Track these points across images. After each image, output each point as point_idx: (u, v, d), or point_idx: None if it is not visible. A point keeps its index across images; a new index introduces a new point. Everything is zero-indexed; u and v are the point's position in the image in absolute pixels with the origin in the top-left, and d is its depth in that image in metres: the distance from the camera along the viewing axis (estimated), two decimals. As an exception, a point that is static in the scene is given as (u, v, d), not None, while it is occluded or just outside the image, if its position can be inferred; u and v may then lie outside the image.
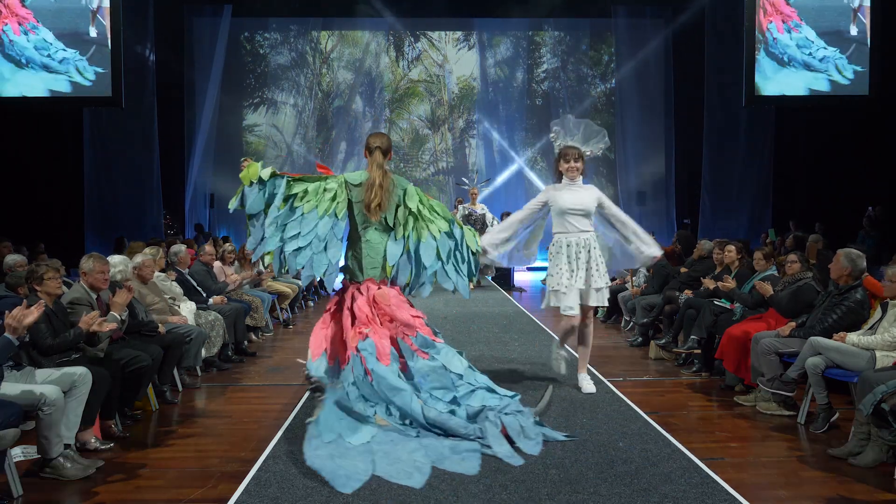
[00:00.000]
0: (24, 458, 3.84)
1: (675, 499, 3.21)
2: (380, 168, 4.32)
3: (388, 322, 4.19)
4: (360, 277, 4.32)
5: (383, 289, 4.28)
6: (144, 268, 5.64)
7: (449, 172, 16.46)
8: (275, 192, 4.21)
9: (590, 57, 16.41)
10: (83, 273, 4.62)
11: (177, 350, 5.19)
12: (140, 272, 5.61)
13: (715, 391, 5.42)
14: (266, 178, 4.18)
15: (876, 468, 3.76)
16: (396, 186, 4.33)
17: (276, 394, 5.38)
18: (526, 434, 3.84)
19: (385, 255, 4.31)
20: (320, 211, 4.18)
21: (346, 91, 16.30)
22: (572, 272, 4.92)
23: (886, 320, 4.41)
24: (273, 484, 3.41)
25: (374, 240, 4.32)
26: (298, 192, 4.24)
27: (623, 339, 7.46)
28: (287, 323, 8.61)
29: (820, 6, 12.63)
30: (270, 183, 4.21)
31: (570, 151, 4.99)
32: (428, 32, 16.43)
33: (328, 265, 4.21)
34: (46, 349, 4.09)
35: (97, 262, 4.63)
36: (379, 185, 4.24)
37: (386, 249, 4.32)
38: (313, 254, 4.17)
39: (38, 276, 4.25)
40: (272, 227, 4.18)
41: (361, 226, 4.35)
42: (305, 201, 4.19)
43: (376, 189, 4.24)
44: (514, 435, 3.81)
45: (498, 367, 5.91)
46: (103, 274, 4.65)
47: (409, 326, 4.20)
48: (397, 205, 4.35)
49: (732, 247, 6.43)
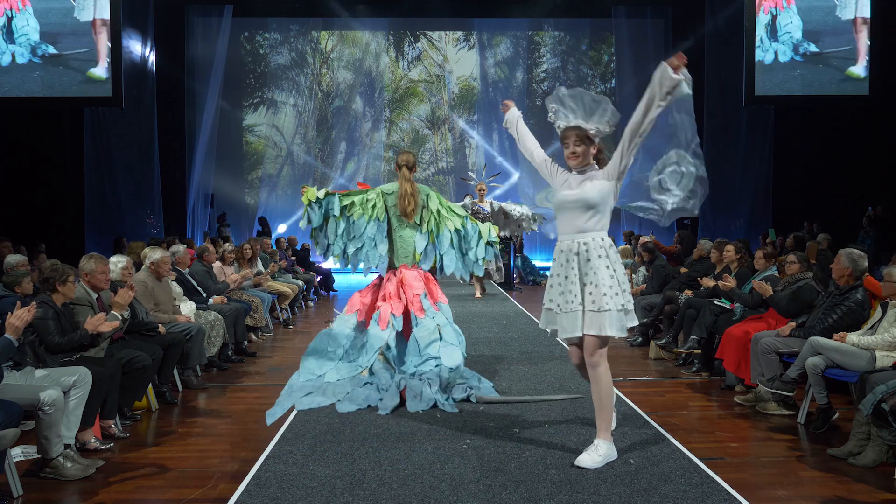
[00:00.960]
0: (24, 458, 3.84)
1: (675, 499, 3.21)
2: (408, 181, 5.32)
3: (409, 297, 5.20)
4: (395, 264, 5.38)
5: (409, 270, 5.36)
6: (162, 264, 5.68)
7: (449, 172, 16.47)
8: (330, 207, 5.30)
9: (590, 57, 16.41)
10: (84, 273, 4.63)
11: (177, 350, 5.19)
12: (157, 269, 5.66)
13: (715, 391, 5.42)
14: (322, 198, 5.27)
15: (876, 468, 3.76)
16: (420, 193, 5.38)
17: (276, 394, 5.37)
18: (422, 398, 4.66)
19: (414, 246, 5.33)
20: (367, 217, 5.32)
21: (346, 91, 16.30)
22: (562, 289, 3.71)
23: (886, 320, 4.42)
24: (273, 484, 3.41)
25: (406, 235, 5.35)
26: (347, 204, 5.34)
27: (623, 339, 7.45)
28: (287, 323, 8.61)
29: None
30: (326, 201, 5.30)
31: (569, 133, 3.80)
32: (428, 32, 16.43)
33: (379, 257, 5.35)
34: (54, 347, 4.13)
35: (98, 262, 4.65)
36: (410, 195, 5.28)
37: (415, 242, 5.35)
38: (367, 250, 5.33)
39: (62, 279, 4.28)
40: (333, 236, 5.35)
41: (396, 225, 5.36)
42: (354, 211, 5.34)
43: (409, 198, 5.27)
44: (410, 397, 4.71)
45: (498, 366, 5.91)
46: (105, 274, 4.67)
47: (416, 292, 5.19)
48: (422, 206, 5.38)
49: (731, 246, 6.43)
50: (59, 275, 4.29)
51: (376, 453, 3.78)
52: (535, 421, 4.37)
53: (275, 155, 16.19)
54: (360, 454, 3.77)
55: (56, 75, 12.04)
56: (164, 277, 5.76)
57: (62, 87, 12.08)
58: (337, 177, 16.21)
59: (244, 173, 16.29)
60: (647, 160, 3.93)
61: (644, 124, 3.68)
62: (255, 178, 16.26)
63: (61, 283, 4.27)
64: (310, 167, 16.08)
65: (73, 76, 12.08)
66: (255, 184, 16.25)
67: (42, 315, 4.10)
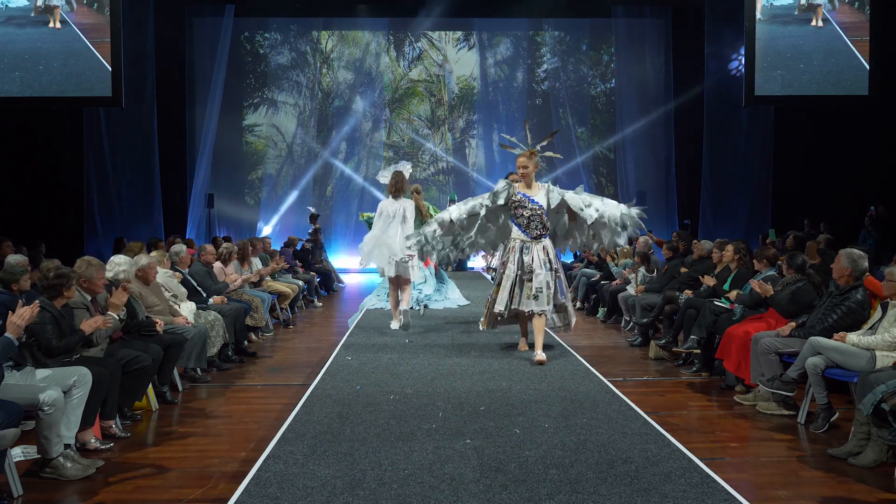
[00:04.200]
0: (24, 458, 3.84)
1: (675, 499, 3.21)
2: (418, 193, 8.54)
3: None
4: None
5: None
6: (149, 269, 5.64)
7: (449, 172, 16.47)
8: None
9: (590, 57, 16.41)
10: (81, 280, 4.59)
11: (177, 350, 5.19)
12: (144, 273, 5.61)
13: (715, 391, 5.42)
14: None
15: (876, 468, 3.76)
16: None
17: (276, 394, 5.38)
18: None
19: None
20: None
21: (346, 91, 16.30)
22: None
23: (886, 320, 4.42)
24: (273, 484, 3.41)
25: None
26: None
27: (623, 339, 7.45)
28: (287, 323, 8.61)
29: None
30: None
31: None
32: (428, 32, 16.42)
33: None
34: (51, 351, 4.11)
35: (95, 269, 4.62)
36: (417, 209, 7.90)
37: None
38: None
39: (68, 282, 4.28)
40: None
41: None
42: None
43: (423, 211, 8.33)
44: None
45: (498, 365, 5.91)
46: (102, 280, 4.66)
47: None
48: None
49: (731, 247, 6.43)
50: (65, 280, 4.27)
51: (376, 453, 3.78)
52: (536, 421, 4.37)
53: (275, 155, 16.19)
54: (360, 454, 3.77)
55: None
56: (153, 282, 5.71)
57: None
58: (337, 177, 16.22)
59: (244, 173, 16.29)
60: None
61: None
62: (256, 178, 16.25)
63: (67, 287, 4.27)
64: (310, 167, 16.08)
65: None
66: (256, 184, 16.24)
67: (40, 319, 4.08)
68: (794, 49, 12.59)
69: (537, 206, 5.83)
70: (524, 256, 5.78)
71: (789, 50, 12.59)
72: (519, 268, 5.78)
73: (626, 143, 15.67)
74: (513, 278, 5.80)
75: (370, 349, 6.37)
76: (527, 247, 5.80)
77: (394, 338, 6.89)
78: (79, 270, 4.59)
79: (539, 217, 5.84)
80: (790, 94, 12.70)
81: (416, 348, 6.40)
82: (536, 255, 5.75)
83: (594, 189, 15.90)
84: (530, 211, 5.82)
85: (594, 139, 16.18)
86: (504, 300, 5.83)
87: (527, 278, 5.75)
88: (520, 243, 5.81)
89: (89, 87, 12.16)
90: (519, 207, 5.86)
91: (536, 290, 5.71)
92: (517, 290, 5.78)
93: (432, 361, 5.87)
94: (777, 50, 12.60)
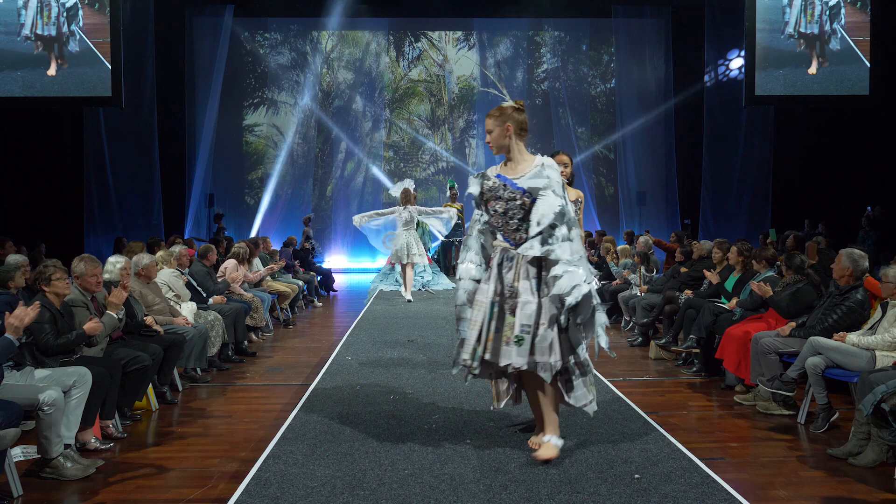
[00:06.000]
0: (24, 458, 3.84)
1: (675, 499, 3.21)
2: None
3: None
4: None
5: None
6: (150, 269, 5.65)
7: (449, 172, 16.47)
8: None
9: (590, 57, 16.40)
10: (75, 276, 4.60)
11: (177, 350, 5.19)
12: (145, 273, 5.62)
13: (715, 391, 5.42)
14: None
15: (876, 468, 3.76)
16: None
17: (276, 394, 5.38)
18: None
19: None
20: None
21: (346, 91, 16.29)
22: None
23: (886, 320, 4.42)
24: (273, 484, 3.41)
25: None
26: None
27: (623, 339, 7.45)
28: (287, 323, 8.61)
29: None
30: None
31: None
32: (428, 32, 16.42)
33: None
34: (49, 349, 4.11)
35: (88, 264, 4.61)
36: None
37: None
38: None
39: (45, 277, 4.25)
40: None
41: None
42: None
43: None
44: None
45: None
46: (95, 276, 4.63)
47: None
48: None
49: (735, 248, 6.43)
50: (42, 276, 4.25)
51: (376, 453, 3.78)
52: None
53: (275, 155, 16.18)
54: (360, 454, 3.77)
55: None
56: (152, 281, 5.71)
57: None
58: (337, 177, 16.21)
59: (244, 173, 16.28)
60: None
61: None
62: (256, 178, 16.25)
63: (46, 283, 4.23)
64: (310, 167, 16.07)
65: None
66: (256, 184, 16.24)
67: (38, 318, 4.06)
68: (795, 49, 12.62)
69: (518, 193, 3.64)
70: (504, 272, 3.66)
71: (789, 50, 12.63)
72: (497, 290, 3.64)
73: (626, 143, 15.67)
74: (485, 307, 3.62)
75: (370, 349, 6.37)
76: (508, 257, 3.67)
77: (394, 337, 6.90)
78: (74, 268, 4.59)
79: (520, 208, 3.65)
80: (790, 94, 12.71)
81: (416, 348, 6.41)
82: (523, 271, 3.60)
83: (594, 189, 15.91)
84: (506, 202, 3.67)
85: (594, 139, 16.17)
86: (471, 345, 3.62)
87: (508, 307, 3.59)
88: (500, 252, 3.71)
89: (89, 87, 12.17)
90: (492, 199, 3.73)
91: (521, 330, 3.51)
92: (492, 326, 3.60)
93: (432, 361, 5.87)
94: (777, 50, 12.62)
